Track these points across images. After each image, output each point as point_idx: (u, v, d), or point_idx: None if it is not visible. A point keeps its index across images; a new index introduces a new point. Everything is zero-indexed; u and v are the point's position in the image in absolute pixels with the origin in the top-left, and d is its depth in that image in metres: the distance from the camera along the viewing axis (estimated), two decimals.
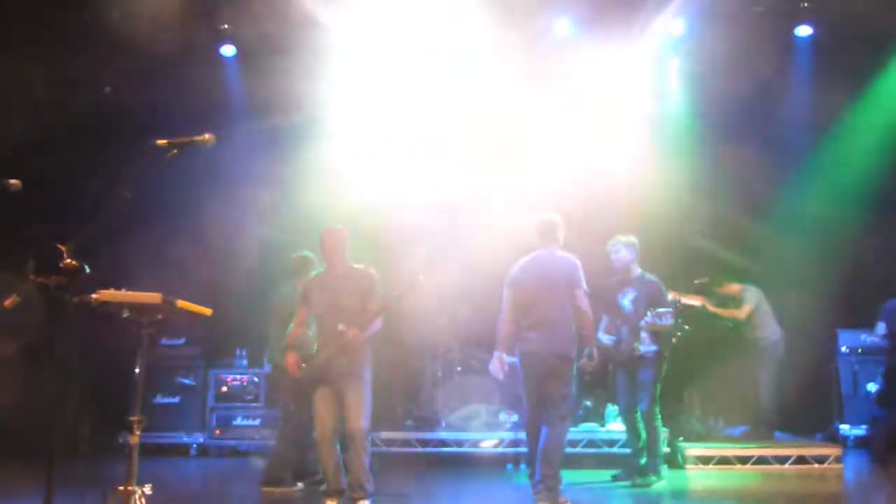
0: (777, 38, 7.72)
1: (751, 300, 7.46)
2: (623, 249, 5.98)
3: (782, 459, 6.63)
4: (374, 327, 4.84)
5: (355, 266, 5.03)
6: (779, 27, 7.68)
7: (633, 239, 6.04)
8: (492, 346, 5.35)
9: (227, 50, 8.07)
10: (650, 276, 6.02)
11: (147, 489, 3.03)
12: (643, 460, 5.96)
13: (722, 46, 7.38)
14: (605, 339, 5.98)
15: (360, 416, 4.78)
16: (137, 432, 3.07)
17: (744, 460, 6.64)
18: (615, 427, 7.02)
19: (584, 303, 5.02)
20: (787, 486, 6.09)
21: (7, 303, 2.83)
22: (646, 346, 5.86)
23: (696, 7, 7.42)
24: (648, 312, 5.70)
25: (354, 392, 4.80)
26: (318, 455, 4.86)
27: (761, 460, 6.62)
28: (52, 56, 6.89)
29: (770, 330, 7.44)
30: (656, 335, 5.87)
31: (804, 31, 7.76)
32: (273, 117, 8.17)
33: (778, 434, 7.36)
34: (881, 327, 7.11)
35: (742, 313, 7.44)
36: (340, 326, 4.71)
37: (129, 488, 2.99)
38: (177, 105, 7.63)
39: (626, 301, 5.94)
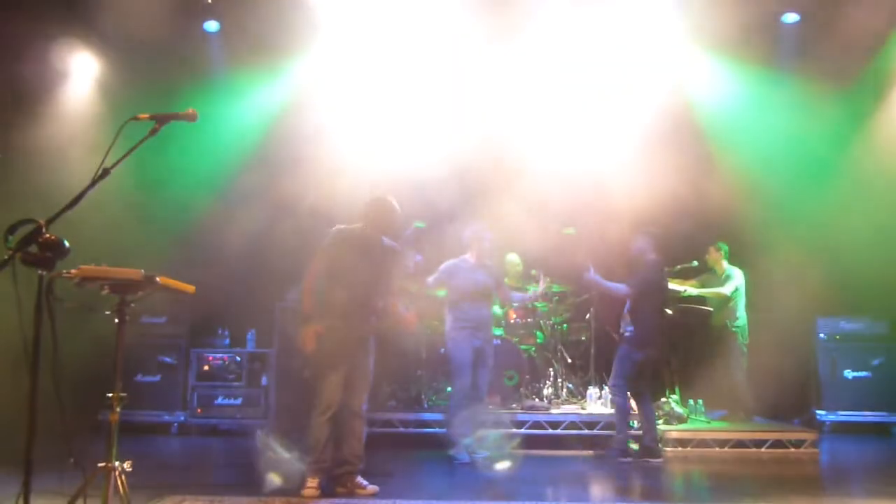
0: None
1: (736, 280, 7.56)
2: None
3: (759, 443, 6.73)
4: (391, 305, 4.96)
5: (387, 240, 4.99)
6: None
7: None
8: None
9: (211, 25, 7.96)
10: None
11: (127, 466, 3.01)
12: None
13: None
14: None
15: (365, 394, 4.90)
16: (118, 409, 3.04)
17: (721, 443, 6.73)
18: (596, 409, 7.09)
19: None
20: (764, 470, 6.17)
21: None
22: (626, 326, 6.31)
23: None
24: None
25: (367, 368, 4.88)
26: (318, 430, 4.72)
27: (739, 444, 6.71)
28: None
29: (742, 315, 7.56)
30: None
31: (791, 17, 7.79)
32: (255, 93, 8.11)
33: (756, 419, 7.47)
34: None
35: (727, 289, 7.53)
36: (378, 301, 4.81)
37: (109, 465, 2.96)
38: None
39: None
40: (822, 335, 8.08)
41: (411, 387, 7.61)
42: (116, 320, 3.11)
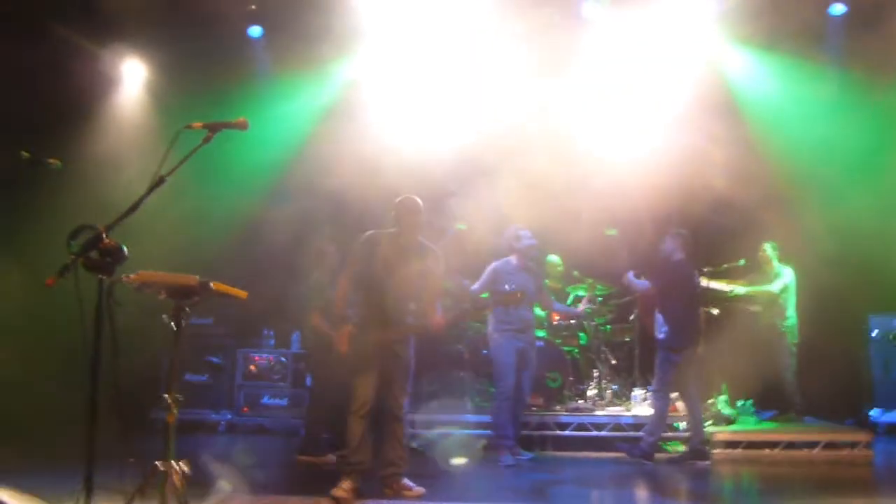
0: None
1: (785, 278, 7.40)
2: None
3: (812, 444, 6.56)
4: (429, 307, 4.86)
5: (424, 242, 4.93)
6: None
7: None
8: None
9: (255, 31, 8.10)
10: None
11: (184, 465, 3.08)
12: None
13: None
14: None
15: (405, 394, 4.89)
16: (175, 410, 3.11)
17: (772, 445, 6.58)
18: (641, 411, 7.02)
19: None
20: (817, 472, 6.04)
21: (49, 281, 2.87)
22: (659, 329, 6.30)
23: None
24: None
25: (405, 371, 4.88)
26: (353, 431, 4.72)
27: (790, 445, 6.56)
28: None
29: (792, 315, 7.39)
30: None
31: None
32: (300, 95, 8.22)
33: (807, 419, 7.31)
34: None
35: (775, 287, 7.39)
36: (412, 304, 4.76)
37: (167, 464, 3.04)
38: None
39: None
40: (874, 333, 7.86)
41: (454, 388, 7.60)
42: (173, 324, 3.18)
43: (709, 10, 7.65)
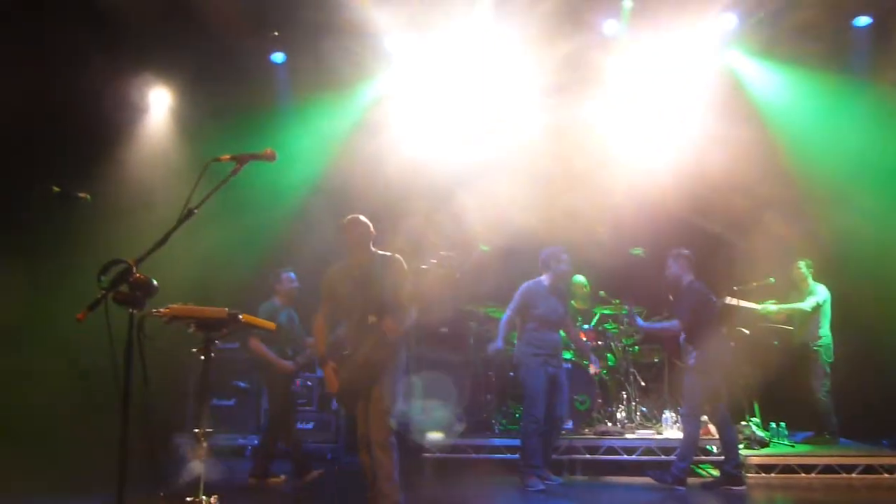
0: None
1: (819, 296, 7.26)
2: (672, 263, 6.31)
3: (849, 468, 6.40)
4: (409, 318, 4.51)
5: (380, 252, 4.75)
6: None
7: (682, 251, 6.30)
8: None
9: (278, 56, 8.19)
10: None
11: (214, 501, 3.05)
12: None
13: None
14: None
15: (384, 421, 4.44)
16: (204, 444, 3.09)
17: (808, 469, 6.43)
18: (672, 434, 6.89)
19: None
20: (855, 497, 5.87)
21: (80, 315, 2.88)
22: (689, 355, 6.14)
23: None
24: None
25: (381, 393, 4.47)
26: (363, 467, 4.67)
27: (827, 469, 6.40)
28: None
29: (826, 334, 7.24)
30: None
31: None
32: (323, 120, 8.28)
33: (843, 440, 7.13)
34: None
35: (806, 305, 7.24)
36: (371, 318, 4.43)
37: (197, 500, 3.02)
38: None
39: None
40: None
41: (480, 411, 7.54)
42: (202, 357, 3.17)
43: (730, 25, 7.61)
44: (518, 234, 7.21)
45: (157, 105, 8.30)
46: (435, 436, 6.80)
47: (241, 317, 3.17)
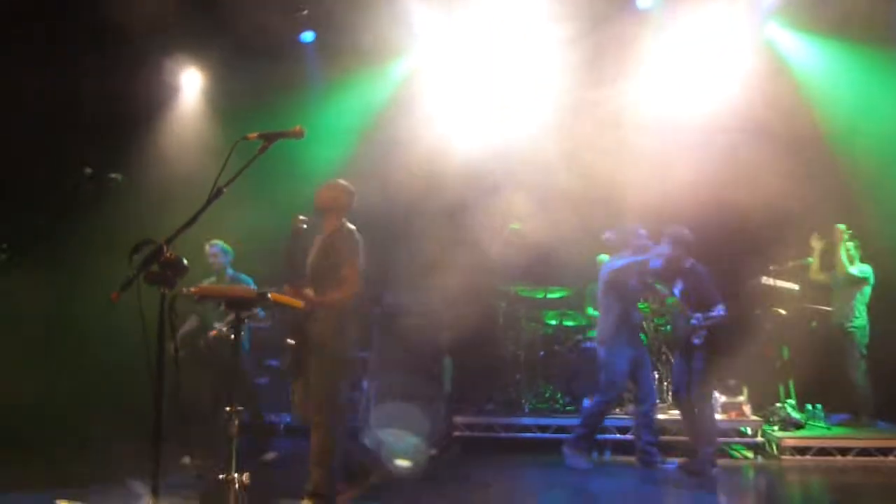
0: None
1: (865, 273, 7.02)
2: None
3: (886, 451, 6.28)
4: (338, 294, 4.15)
5: (348, 226, 4.43)
6: None
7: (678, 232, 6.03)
8: None
9: (307, 35, 8.19)
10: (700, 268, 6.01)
11: (245, 478, 3.09)
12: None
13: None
14: None
15: (317, 399, 4.16)
16: (236, 422, 3.13)
17: (843, 451, 6.32)
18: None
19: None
20: (891, 480, 5.75)
21: (114, 296, 2.92)
22: (698, 338, 5.88)
23: None
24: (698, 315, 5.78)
25: (315, 374, 4.19)
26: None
27: (863, 452, 6.29)
28: None
29: (861, 315, 7.04)
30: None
31: None
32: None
33: (880, 423, 6.98)
34: None
35: (854, 270, 6.97)
36: (309, 290, 4.11)
37: (230, 477, 3.06)
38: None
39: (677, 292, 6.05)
40: None
41: (510, 390, 7.54)
42: (232, 335, 3.20)
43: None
44: (551, 214, 7.15)
45: (189, 86, 8.36)
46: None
47: (269, 295, 3.19)
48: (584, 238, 6.62)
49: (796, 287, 7.12)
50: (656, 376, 7.42)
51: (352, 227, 4.45)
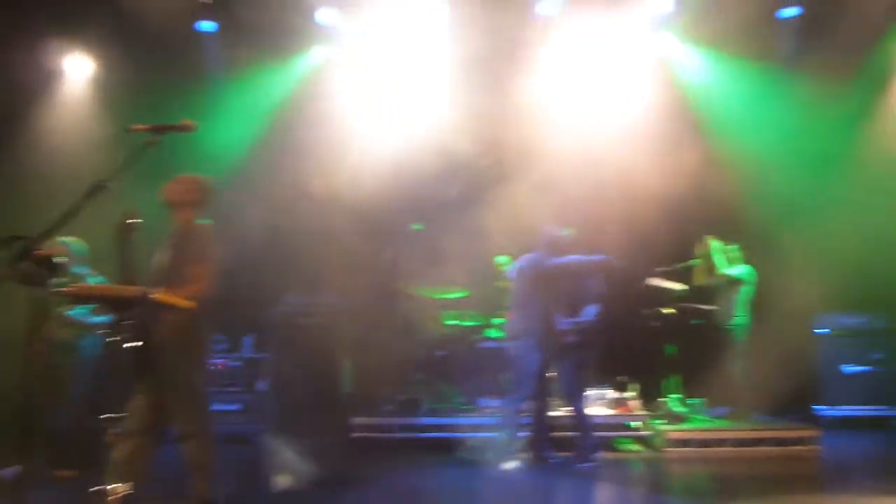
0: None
1: (742, 273, 7.47)
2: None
3: (759, 441, 6.70)
4: (188, 293, 3.77)
5: (201, 222, 4.19)
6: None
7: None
8: None
9: (207, 25, 7.91)
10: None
11: (129, 488, 2.94)
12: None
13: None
14: None
15: (184, 411, 3.90)
16: (112, 430, 2.97)
17: (722, 442, 6.70)
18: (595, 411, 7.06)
19: None
20: (765, 468, 6.15)
21: None
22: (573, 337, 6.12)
23: None
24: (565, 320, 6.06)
25: (173, 381, 3.87)
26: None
27: (739, 442, 6.68)
28: None
29: (742, 314, 7.49)
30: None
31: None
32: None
33: (756, 416, 7.44)
34: None
35: (731, 271, 7.41)
36: (158, 290, 3.72)
37: (108, 488, 2.90)
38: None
39: None
40: (822, 330, 8.06)
41: (409, 391, 7.54)
42: (111, 338, 3.04)
43: (664, 8, 7.73)
44: (450, 213, 7.23)
45: (75, 72, 7.89)
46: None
47: (153, 295, 3.05)
48: (481, 239, 6.70)
49: (682, 287, 7.49)
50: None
51: (206, 223, 4.19)
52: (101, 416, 2.92)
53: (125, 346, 3.60)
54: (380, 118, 7.92)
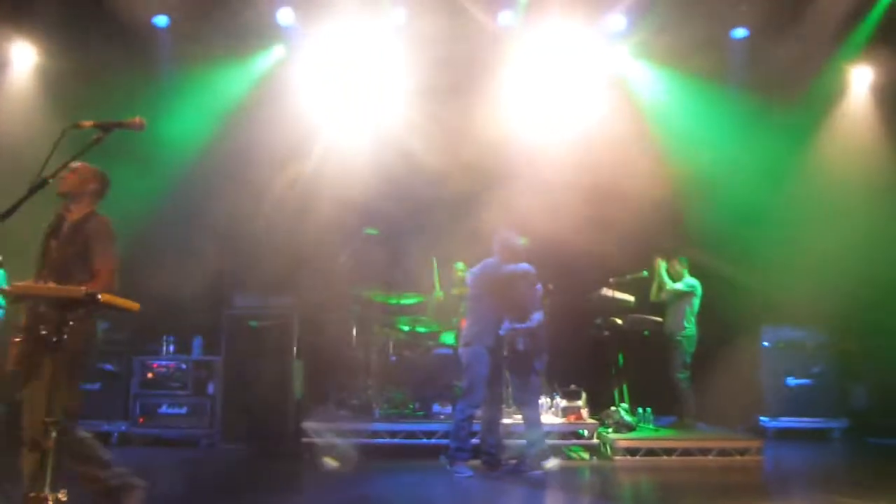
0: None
1: (691, 286, 7.64)
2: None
3: (706, 451, 6.83)
4: (93, 288, 3.33)
5: (99, 215, 3.94)
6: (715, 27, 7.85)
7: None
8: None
9: (161, 20, 7.73)
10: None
11: (62, 496, 2.83)
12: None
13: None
14: None
15: (44, 410, 3.33)
16: (53, 435, 2.86)
17: (669, 452, 6.81)
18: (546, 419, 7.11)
19: None
20: (710, 478, 6.27)
21: None
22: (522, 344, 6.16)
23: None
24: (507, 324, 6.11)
25: (52, 378, 3.35)
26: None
27: (686, 452, 6.80)
28: None
29: (690, 326, 7.66)
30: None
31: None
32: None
33: (700, 425, 7.60)
34: None
35: (680, 285, 7.59)
36: (51, 284, 3.45)
37: (41, 495, 2.78)
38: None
39: None
40: (765, 343, 8.29)
41: (361, 395, 7.48)
42: (54, 339, 2.93)
43: (619, 26, 7.86)
44: (406, 219, 7.20)
45: (20, 62, 7.62)
46: None
47: (99, 296, 2.95)
48: (438, 245, 6.70)
49: (632, 298, 7.61)
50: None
51: (105, 216, 3.95)
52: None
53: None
54: (337, 120, 7.86)
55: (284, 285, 7.45)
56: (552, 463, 6.19)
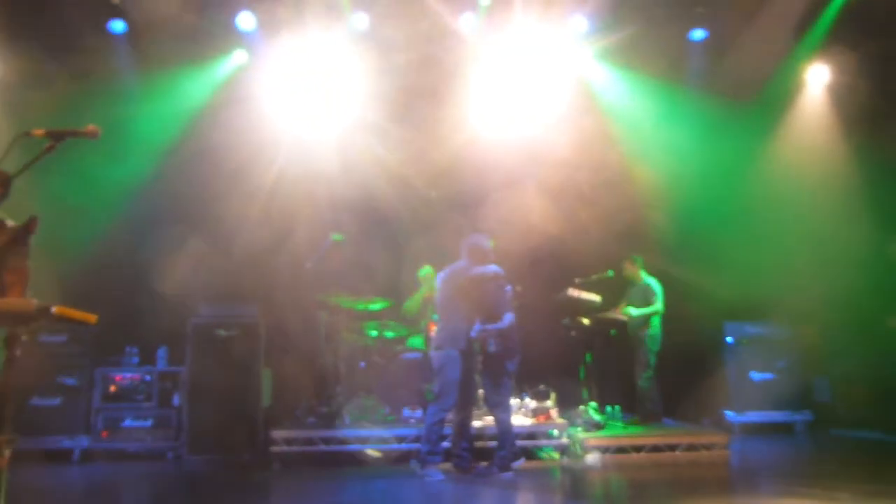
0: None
1: (660, 293, 7.72)
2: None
3: (673, 447, 6.89)
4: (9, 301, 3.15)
5: (10, 223, 3.56)
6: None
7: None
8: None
9: (117, 25, 7.57)
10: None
11: None
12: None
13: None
14: None
15: None
16: (6, 454, 2.75)
17: (638, 448, 6.86)
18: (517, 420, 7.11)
19: None
20: (679, 473, 6.34)
21: None
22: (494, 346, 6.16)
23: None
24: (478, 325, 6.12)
25: None
26: None
27: (654, 448, 6.86)
28: None
29: (655, 325, 7.74)
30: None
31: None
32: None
33: (666, 421, 7.68)
34: None
35: (659, 306, 7.68)
36: None
37: None
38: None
39: None
40: (729, 339, 8.41)
41: (330, 403, 7.41)
42: (6, 356, 2.82)
43: (581, 28, 7.91)
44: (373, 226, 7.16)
45: None
46: None
47: (53, 309, 2.85)
48: (404, 250, 6.68)
49: (598, 298, 7.66)
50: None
51: (12, 222, 3.55)
52: None
53: None
54: (301, 125, 7.78)
55: (250, 293, 7.35)
56: (522, 464, 6.20)
